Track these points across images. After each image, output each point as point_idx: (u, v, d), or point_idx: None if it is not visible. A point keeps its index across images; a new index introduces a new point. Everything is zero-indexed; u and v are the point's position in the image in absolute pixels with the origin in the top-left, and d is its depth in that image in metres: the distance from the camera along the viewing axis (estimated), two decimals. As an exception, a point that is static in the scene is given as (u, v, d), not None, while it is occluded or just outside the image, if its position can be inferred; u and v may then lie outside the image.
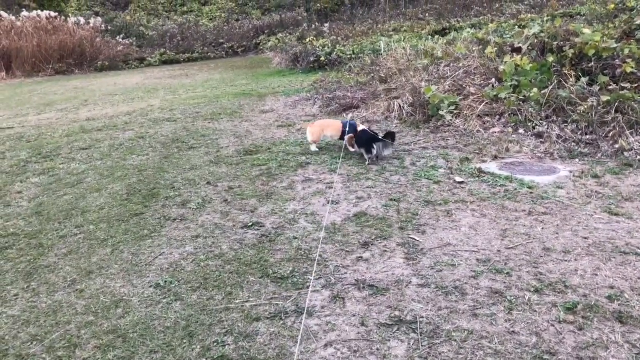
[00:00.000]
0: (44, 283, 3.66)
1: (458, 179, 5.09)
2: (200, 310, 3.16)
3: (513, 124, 6.63)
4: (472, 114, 7.07)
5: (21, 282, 3.70)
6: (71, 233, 4.48)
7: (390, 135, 5.82)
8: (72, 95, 13.75)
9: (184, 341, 2.88)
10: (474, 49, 9.08)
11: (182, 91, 12.98)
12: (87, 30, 22.12)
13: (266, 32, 24.72)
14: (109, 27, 24.58)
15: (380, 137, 5.76)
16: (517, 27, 12.81)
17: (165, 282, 3.51)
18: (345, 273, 3.49)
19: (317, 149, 6.38)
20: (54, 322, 3.17)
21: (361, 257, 3.69)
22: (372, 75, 10.20)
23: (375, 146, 5.67)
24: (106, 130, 8.62)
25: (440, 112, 7.20)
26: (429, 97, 7.34)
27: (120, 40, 23.54)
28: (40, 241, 4.37)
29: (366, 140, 5.76)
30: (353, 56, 14.12)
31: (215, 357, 2.73)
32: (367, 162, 5.77)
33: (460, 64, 8.52)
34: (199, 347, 2.83)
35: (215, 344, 2.84)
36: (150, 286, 3.48)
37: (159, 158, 6.63)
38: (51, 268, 3.87)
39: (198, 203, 4.92)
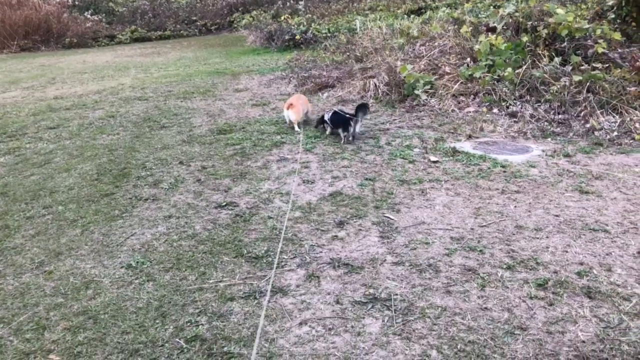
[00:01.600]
0: (10, 265, 3.56)
1: (433, 158, 5.10)
2: (173, 290, 3.12)
3: (487, 104, 6.67)
4: (447, 94, 7.08)
5: (-14, 264, 3.59)
6: (39, 214, 4.36)
7: (363, 108, 5.79)
8: (38, 73, 13.32)
9: (157, 321, 2.84)
10: (449, 28, 9.07)
11: (154, 69, 12.69)
12: (53, 5, 21.36)
13: (240, 9, 24.23)
14: (77, 2, 23.76)
15: (352, 115, 5.75)
16: (492, 6, 12.82)
17: (137, 262, 3.45)
18: (321, 252, 3.48)
19: (299, 130, 6.30)
20: (22, 304, 3.09)
21: (336, 236, 3.68)
22: (348, 54, 10.11)
23: (351, 123, 5.67)
24: (75, 109, 8.38)
25: (416, 92, 7.19)
26: (405, 76, 7.31)
27: (89, 16, 22.81)
28: (6, 222, 4.24)
29: (342, 120, 5.76)
30: (329, 35, 13.95)
31: (188, 337, 2.70)
32: (342, 142, 5.76)
33: (436, 43, 8.51)
34: (171, 327, 2.79)
35: (188, 323, 2.81)
36: (122, 267, 3.42)
37: (130, 137, 6.48)
38: (17, 249, 3.77)
39: (170, 183, 4.84)
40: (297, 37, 14.69)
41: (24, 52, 19.64)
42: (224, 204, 4.32)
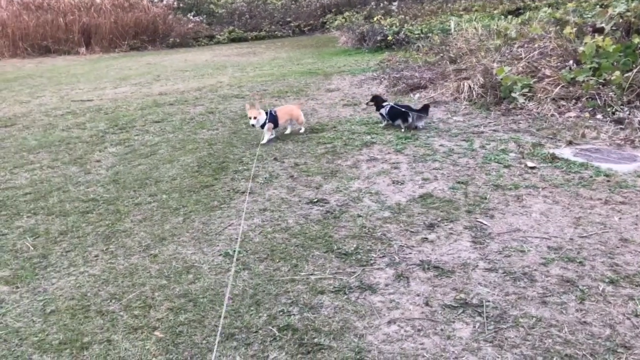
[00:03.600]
0: (121, 246, 3.88)
1: (529, 163, 4.91)
2: (266, 279, 3.26)
3: (590, 109, 6.31)
4: (546, 97, 6.77)
5: (101, 244, 3.94)
6: (145, 201, 4.71)
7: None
8: (145, 71, 14.29)
9: (251, 308, 2.98)
10: (550, 29, 8.66)
11: (250, 69, 13.19)
12: (160, 8, 22.84)
13: (333, 10, 24.52)
14: (181, 5, 25.18)
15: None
16: (598, 6, 12.06)
17: (234, 251, 3.64)
18: (410, 253, 3.48)
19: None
20: (130, 283, 3.36)
21: (426, 238, 3.66)
22: (441, 55, 9.94)
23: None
24: (177, 105, 8.92)
25: (513, 94, 6.94)
26: (501, 79, 7.09)
27: (191, 17, 24.12)
28: (117, 207, 4.62)
29: (399, 113, 6.34)
30: (421, 35, 13.79)
31: (280, 325, 2.81)
32: (402, 129, 6.36)
33: (536, 45, 8.15)
34: (265, 315, 2.92)
35: (281, 313, 2.92)
36: (220, 254, 3.62)
37: (228, 133, 6.80)
38: (127, 233, 4.10)
39: (265, 178, 5.03)
40: (389, 38, 14.63)
41: (133, 50, 21.12)
42: (315, 200, 4.43)
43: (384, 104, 6.61)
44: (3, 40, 20.00)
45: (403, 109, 6.34)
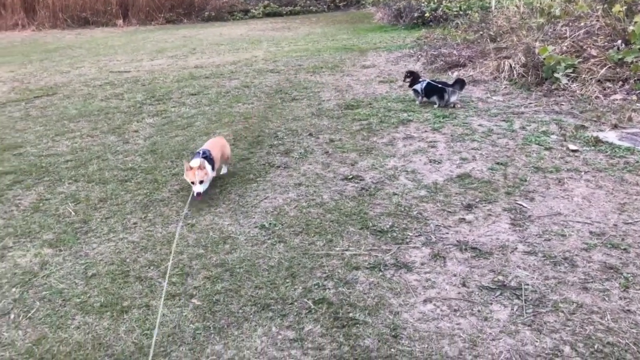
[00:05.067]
0: (159, 215, 3.94)
1: (572, 146, 4.77)
2: (302, 253, 3.27)
3: (638, 91, 6.06)
4: (591, 78, 6.54)
5: (139, 212, 4.01)
6: (182, 171, 4.75)
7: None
8: (181, 44, 14.34)
9: (287, 281, 3.00)
10: (597, 7, 8.30)
11: (285, 43, 13.09)
12: (197, -20, 22.77)
13: (369, -15, 24.08)
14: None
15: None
16: (650, -16, 11.50)
17: (270, 224, 3.66)
18: (447, 233, 3.44)
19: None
20: (168, 251, 3.41)
21: (464, 219, 3.60)
22: (481, 33, 9.67)
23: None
24: (213, 78, 8.94)
25: (555, 75, 6.72)
26: (544, 58, 6.86)
27: (227, -9, 23.99)
28: (155, 177, 4.69)
29: (436, 89, 6.26)
30: (460, 13, 13.43)
31: (316, 298, 2.83)
32: (436, 105, 6.32)
33: (581, 24, 7.84)
34: (300, 287, 2.94)
35: (316, 286, 2.93)
36: (256, 227, 3.64)
37: (264, 107, 6.80)
38: (165, 202, 4.16)
39: (300, 153, 5.02)
40: (427, 14, 14.29)
41: (169, 24, 21.19)
42: (350, 176, 4.40)
43: (420, 79, 6.52)
44: (44, 11, 20.37)
45: (440, 86, 6.26)
